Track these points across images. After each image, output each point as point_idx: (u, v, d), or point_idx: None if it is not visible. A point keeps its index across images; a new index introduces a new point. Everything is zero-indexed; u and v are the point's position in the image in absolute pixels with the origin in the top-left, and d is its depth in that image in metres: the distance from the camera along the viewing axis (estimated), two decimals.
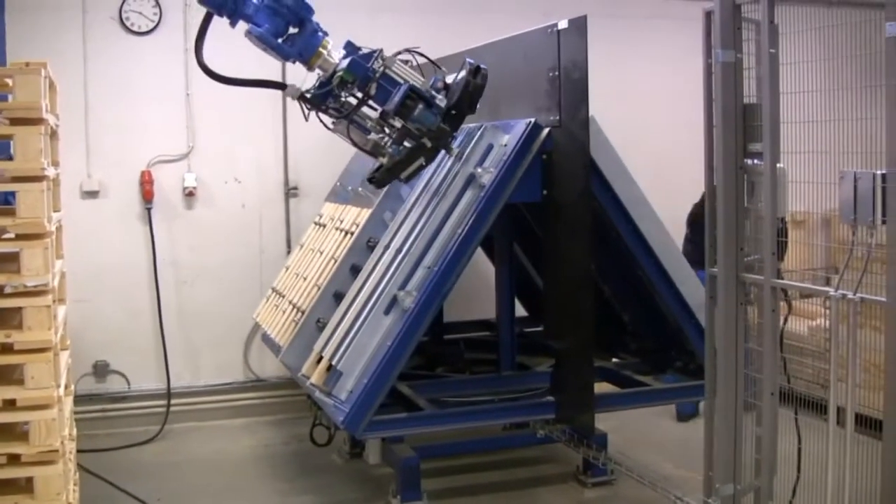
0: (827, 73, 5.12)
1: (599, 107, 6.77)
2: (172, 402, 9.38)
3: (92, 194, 9.06)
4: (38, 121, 4.66)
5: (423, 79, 6.17)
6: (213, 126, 9.58)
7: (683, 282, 7.41)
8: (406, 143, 6.21)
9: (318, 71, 6.24)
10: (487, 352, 8.86)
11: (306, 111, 6.36)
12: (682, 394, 7.64)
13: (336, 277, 7.26)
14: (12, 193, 4.95)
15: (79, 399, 7.24)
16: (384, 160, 6.30)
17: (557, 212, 6.83)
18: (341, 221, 7.97)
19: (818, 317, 8.18)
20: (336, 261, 7.42)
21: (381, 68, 6.07)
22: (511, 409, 7.33)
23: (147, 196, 9.35)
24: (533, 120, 6.79)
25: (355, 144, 6.46)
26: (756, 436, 5.60)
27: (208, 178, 9.61)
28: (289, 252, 9.57)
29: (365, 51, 6.13)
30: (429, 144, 6.18)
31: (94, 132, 9.07)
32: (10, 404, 4.63)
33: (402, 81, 6.11)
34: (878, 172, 4.63)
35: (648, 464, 7.23)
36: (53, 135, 5.28)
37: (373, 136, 6.30)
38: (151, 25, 9.25)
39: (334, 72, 6.12)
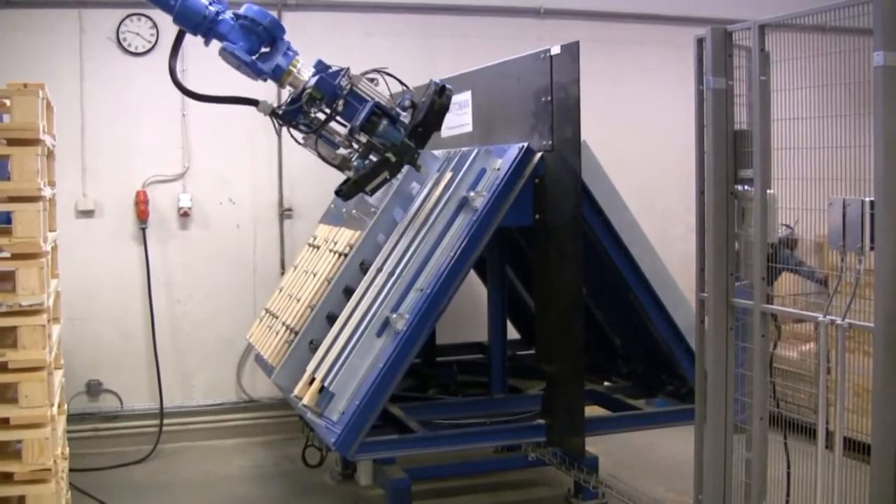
0: (817, 100, 5.17)
1: (591, 132, 6.83)
2: (165, 421, 9.38)
3: (87, 214, 9.10)
4: (34, 141, 4.70)
5: (389, 97, 6.58)
6: (209, 147, 9.62)
7: (674, 306, 7.44)
8: (372, 157, 6.57)
9: (288, 88, 6.64)
10: (479, 374, 8.88)
11: (278, 126, 6.82)
12: (673, 418, 7.66)
13: (329, 299, 7.28)
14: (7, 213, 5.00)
15: (71, 418, 7.26)
16: (351, 174, 6.63)
17: (549, 235, 6.86)
18: (335, 243, 8.00)
19: (810, 341, 8.21)
20: (329, 282, 7.45)
21: (349, 86, 6.45)
22: (502, 432, 7.34)
23: (142, 216, 9.38)
24: (525, 144, 6.82)
25: (323, 159, 6.77)
26: (746, 460, 5.63)
27: (203, 199, 9.64)
28: (282, 273, 9.60)
29: (334, 69, 6.47)
30: (393, 159, 6.53)
31: (90, 152, 9.11)
32: (4, 423, 4.65)
33: (368, 99, 6.49)
34: (867, 199, 4.67)
35: (639, 487, 7.23)
36: (50, 155, 5.32)
37: (341, 150, 6.66)
38: (148, 46, 9.30)
39: (304, 89, 6.47)
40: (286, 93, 6.74)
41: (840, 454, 4.93)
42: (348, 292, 7.17)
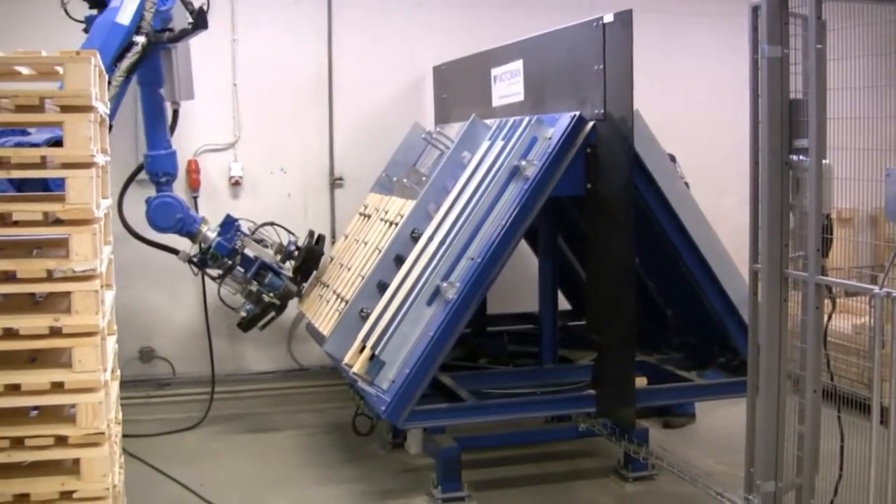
0: (875, 69, 5.09)
1: (642, 101, 6.75)
2: (216, 389, 9.44)
3: (139, 182, 9.12)
4: (87, 108, 4.70)
5: (271, 252, 8.62)
6: (260, 116, 9.64)
7: (726, 278, 7.39)
8: (264, 297, 8.54)
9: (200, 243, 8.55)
10: (530, 344, 8.88)
11: (195, 270, 8.75)
12: (724, 390, 7.61)
13: (380, 268, 7.29)
14: (55, 180, 5.03)
15: (124, 385, 7.31)
16: (244, 313, 8.63)
17: (601, 205, 6.83)
18: (386, 212, 8.00)
19: (864, 315, 8.13)
20: (380, 251, 7.45)
21: (241, 249, 8.48)
22: (552, 402, 7.34)
23: (193, 185, 9.44)
24: (577, 113, 6.78)
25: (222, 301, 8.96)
26: (798, 433, 5.58)
27: (254, 168, 9.68)
28: (333, 242, 9.62)
29: (234, 228, 8.55)
30: (277, 302, 8.60)
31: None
32: (58, 387, 4.68)
33: (255, 259, 8.53)
34: None
35: (689, 459, 7.19)
36: (102, 123, 5.33)
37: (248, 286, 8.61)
38: None
39: (209, 247, 8.45)
40: None
41: (895, 430, 4.87)
42: (399, 261, 7.17)
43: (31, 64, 4.89)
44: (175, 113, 8.44)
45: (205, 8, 7.90)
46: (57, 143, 5.04)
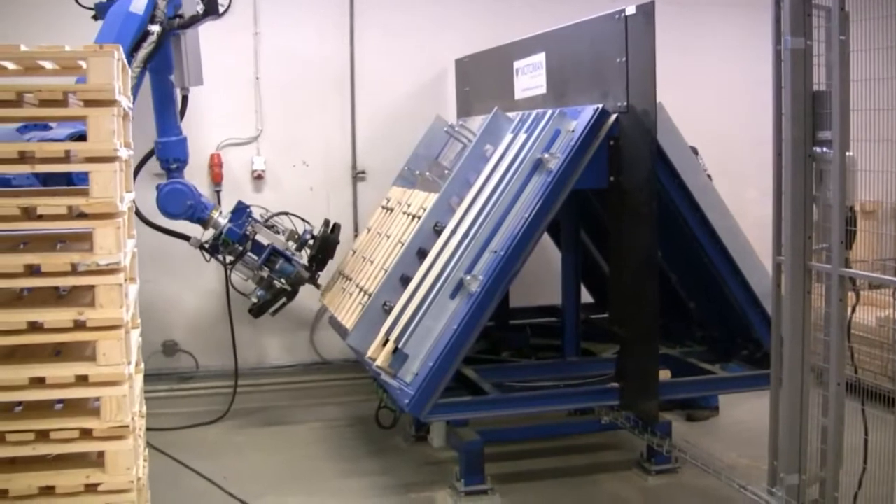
0: None
1: (662, 94, 6.73)
2: (239, 382, 9.46)
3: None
4: (110, 102, 4.72)
5: (283, 239, 8.57)
6: (282, 110, 9.66)
7: (749, 270, 7.37)
8: (276, 283, 8.54)
9: (211, 228, 8.46)
10: (553, 337, 8.87)
11: (207, 256, 8.62)
12: (747, 383, 7.58)
13: (403, 261, 7.29)
14: (79, 174, 5.05)
15: (148, 378, 7.34)
16: (255, 299, 8.61)
17: (623, 198, 6.81)
18: (408, 205, 8.00)
19: (888, 307, 8.09)
20: (403, 244, 7.46)
21: (252, 235, 8.44)
22: (575, 395, 7.33)
23: (216, 179, 9.46)
24: (600, 106, 6.77)
25: (235, 288, 9.20)
26: (822, 426, 5.56)
27: (276, 162, 9.70)
28: (356, 235, 9.62)
29: (246, 214, 8.49)
30: (288, 288, 8.57)
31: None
32: (83, 380, 4.71)
33: (266, 244, 8.48)
34: None
35: (713, 452, 7.17)
36: (125, 117, 5.35)
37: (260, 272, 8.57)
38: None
39: (220, 233, 8.38)
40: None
41: None
42: (422, 254, 7.17)
43: (54, 58, 4.91)
44: (184, 99, 8.40)
45: None
46: (80, 137, 5.06)
